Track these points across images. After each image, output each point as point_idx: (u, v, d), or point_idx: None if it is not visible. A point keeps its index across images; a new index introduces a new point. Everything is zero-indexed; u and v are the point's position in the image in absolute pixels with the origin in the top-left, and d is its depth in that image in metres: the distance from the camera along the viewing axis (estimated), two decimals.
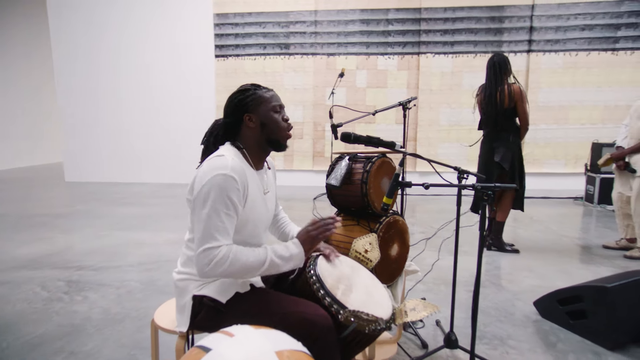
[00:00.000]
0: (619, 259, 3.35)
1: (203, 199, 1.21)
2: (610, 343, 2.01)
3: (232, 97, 1.39)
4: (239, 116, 1.36)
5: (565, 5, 6.15)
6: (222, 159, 1.26)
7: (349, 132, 1.47)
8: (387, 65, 6.50)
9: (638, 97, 5.96)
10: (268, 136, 1.38)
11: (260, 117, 1.36)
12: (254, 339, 0.93)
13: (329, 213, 1.63)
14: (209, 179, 1.22)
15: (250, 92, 1.37)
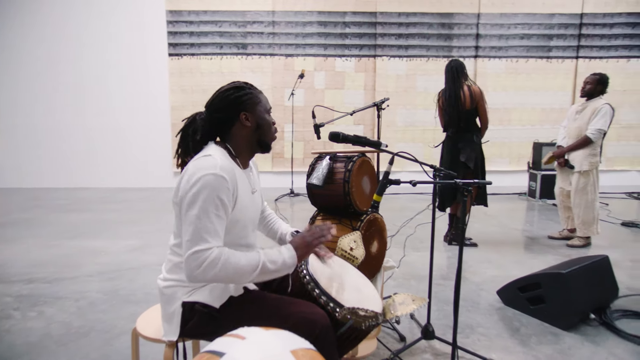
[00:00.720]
0: (563, 248, 3.66)
1: (191, 200, 1.17)
2: (565, 324, 2.20)
3: (226, 92, 1.33)
4: (234, 113, 1.32)
5: (507, 15, 6.61)
6: (210, 158, 1.23)
7: (337, 131, 1.50)
8: (345, 67, 6.62)
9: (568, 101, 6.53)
10: (260, 137, 1.36)
11: (256, 118, 1.34)
12: (267, 340, 0.92)
13: (291, 214, 1.65)
14: (197, 178, 1.17)
15: (246, 90, 1.34)
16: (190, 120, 1.39)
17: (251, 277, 1.18)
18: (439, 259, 3.39)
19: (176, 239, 1.32)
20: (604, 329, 2.22)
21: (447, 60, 6.62)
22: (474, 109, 3.49)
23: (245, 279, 1.18)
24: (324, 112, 3.70)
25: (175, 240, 1.32)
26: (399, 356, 1.89)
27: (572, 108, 3.78)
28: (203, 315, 1.25)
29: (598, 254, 2.55)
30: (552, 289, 2.23)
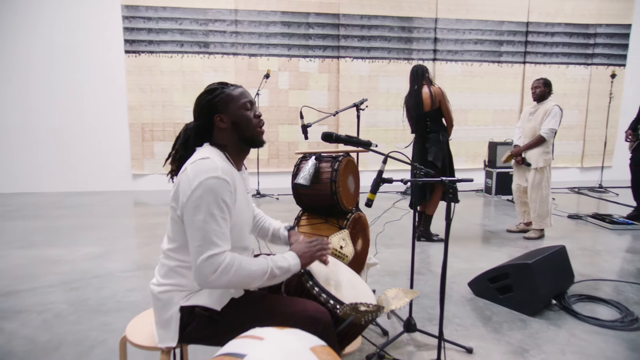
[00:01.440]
0: (520, 240, 3.92)
1: (195, 205, 1.15)
2: (531, 310, 2.37)
3: (199, 98, 1.33)
4: (209, 117, 1.31)
5: (462, 21, 6.95)
6: (209, 161, 1.21)
7: (330, 132, 1.52)
8: (309, 68, 6.65)
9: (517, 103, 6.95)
10: (242, 135, 1.35)
11: (231, 117, 1.32)
12: (286, 339, 0.93)
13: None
14: (199, 182, 1.16)
15: (217, 91, 1.32)
16: (181, 132, 1.38)
17: (260, 282, 1.19)
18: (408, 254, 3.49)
19: (171, 243, 1.28)
20: (564, 313, 2.41)
21: (407, 62, 6.89)
22: (437, 109, 3.64)
23: (254, 284, 1.19)
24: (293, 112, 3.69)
25: (171, 244, 1.28)
26: (384, 350, 1.95)
27: (526, 110, 4.06)
28: (204, 319, 1.23)
29: (556, 245, 2.77)
30: (519, 278, 2.39)
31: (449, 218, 1.55)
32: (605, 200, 5.95)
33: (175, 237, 1.26)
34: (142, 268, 3.11)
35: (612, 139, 7.52)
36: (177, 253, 1.27)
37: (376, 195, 1.55)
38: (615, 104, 7.29)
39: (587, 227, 4.41)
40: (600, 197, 6.17)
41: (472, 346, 2.01)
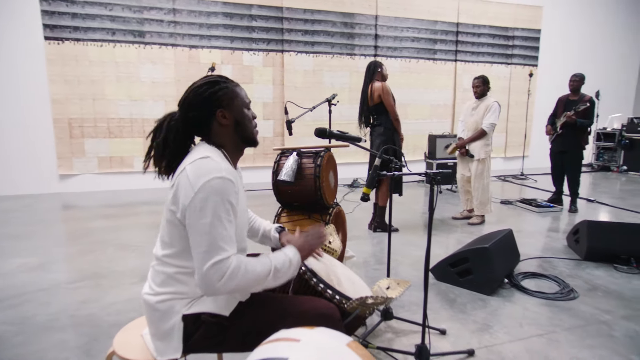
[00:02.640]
0: (465, 226, 4.24)
1: (200, 207, 1.08)
2: (489, 290, 2.59)
3: (199, 88, 1.24)
4: (210, 111, 1.23)
5: (400, 19, 7.25)
6: (211, 161, 1.15)
7: (324, 127, 1.51)
8: (253, 61, 6.50)
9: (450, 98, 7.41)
10: (242, 134, 1.29)
11: (234, 114, 1.26)
12: (321, 338, 0.92)
13: None
14: (203, 183, 1.09)
15: (221, 85, 1.25)
16: (161, 122, 1.27)
17: (265, 283, 1.15)
18: (367, 245, 3.62)
19: (168, 249, 1.20)
20: (515, 290, 2.67)
21: (350, 57, 7.03)
22: (381, 104, 3.77)
23: (260, 286, 1.15)
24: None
25: (168, 249, 1.20)
26: (366, 340, 2.00)
27: (467, 104, 4.37)
28: (211, 326, 1.17)
29: (504, 228, 3.04)
30: (478, 262, 2.59)
31: (432, 208, 1.64)
32: (527, 186, 6.63)
33: (173, 242, 1.18)
34: (93, 277, 2.85)
35: (528, 131, 8.37)
36: (175, 259, 1.19)
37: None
38: (532, 100, 8.12)
39: (517, 211, 4.89)
40: (522, 184, 6.86)
41: (444, 328, 2.15)
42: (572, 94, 4.83)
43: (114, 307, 2.39)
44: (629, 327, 2.22)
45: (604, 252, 3.10)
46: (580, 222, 3.32)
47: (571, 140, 4.72)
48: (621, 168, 8.02)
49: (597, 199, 5.47)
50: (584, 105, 4.51)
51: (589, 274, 2.93)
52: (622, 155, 8.06)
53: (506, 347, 2.00)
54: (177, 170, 1.19)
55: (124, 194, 5.74)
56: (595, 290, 2.66)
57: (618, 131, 8.07)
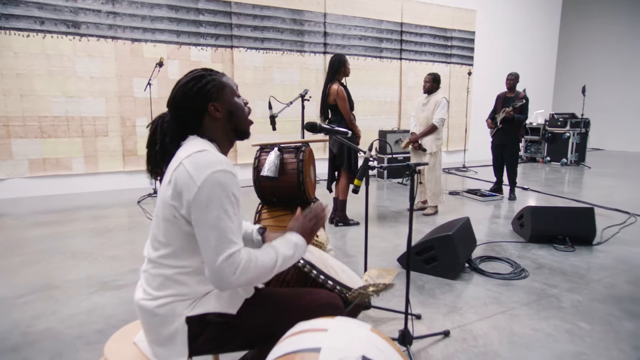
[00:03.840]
0: (421, 216, 4.45)
1: (205, 202, 1.05)
2: (453, 275, 2.75)
3: (186, 86, 1.19)
4: (201, 106, 1.20)
5: (347, 17, 7.39)
6: (209, 154, 1.12)
7: (314, 122, 1.52)
8: (201, 57, 6.28)
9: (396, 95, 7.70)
10: (236, 125, 1.26)
11: (226, 105, 1.23)
12: (347, 326, 0.93)
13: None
14: (206, 177, 1.06)
15: (207, 77, 1.21)
16: (154, 127, 1.22)
17: (273, 272, 1.13)
18: (331, 240, 3.67)
19: (165, 249, 1.14)
20: (474, 273, 2.87)
21: (300, 55, 7.04)
22: (337, 105, 3.83)
23: (269, 276, 1.13)
24: None
25: (164, 249, 1.14)
26: None
27: (418, 101, 4.59)
28: (219, 326, 1.14)
29: (460, 217, 3.24)
30: (443, 249, 2.75)
31: (412, 198, 1.72)
32: (469, 178, 7.11)
33: (171, 240, 1.12)
34: (44, 289, 2.60)
35: (468, 126, 8.96)
36: (173, 259, 1.13)
37: None
38: (470, 97, 8.70)
39: (464, 200, 5.23)
40: (465, 175, 7.34)
41: (420, 313, 2.26)
42: (509, 91, 5.25)
43: (75, 319, 2.21)
44: (573, 297, 2.49)
45: (545, 234, 3.43)
46: (524, 208, 3.64)
47: (509, 134, 5.14)
48: (545, 159, 8.87)
49: (530, 187, 6.01)
50: (520, 102, 4.92)
51: (534, 254, 3.23)
52: (545, 147, 8.92)
53: (476, 326, 2.16)
54: (171, 165, 1.14)
55: (60, 199, 5.27)
56: (542, 268, 2.94)
57: (542, 126, 8.91)
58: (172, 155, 1.19)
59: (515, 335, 2.06)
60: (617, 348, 1.97)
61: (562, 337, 2.06)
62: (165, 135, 1.20)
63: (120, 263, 3.06)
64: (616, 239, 3.61)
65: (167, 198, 1.10)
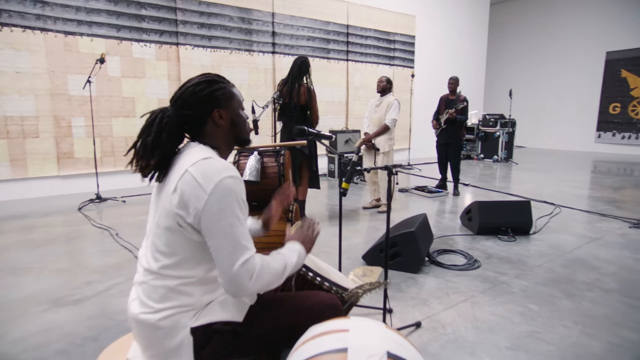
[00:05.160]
0: (376, 214, 4.62)
1: (217, 209, 1.05)
2: (416, 269, 2.91)
3: (196, 86, 1.20)
4: (206, 110, 1.20)
5: (295, 18, 7.42)
6: (215, 161, 1.12)
7: (302, 127, 1.53)
8: (144, 54, 5.94)
9: (344, 95, 7.87)
10: (237, 135, 1.28)
11: (231, 114, 1.25)
12: (365, 324, 0.98)
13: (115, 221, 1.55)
14: (216, 184, 1.06)
15: (220, 84, 1.23)
16: (152, 119, 1.17)
17: (282, 278, 1.16)
18: None
19: (168, 259, 1.11)
20: (434, 266, 3.05)
21: (249, 54, 6.95)
22: (307, 105, 3.90)
23: (279, 282, 1.16)
24: None
25: (167, 260, 1.10)
26: None
27: (371, 102, 4.75)
28: (226, 335, 1.13)
29: (420, 213, 3.42)
30: (406, 245, 2.89)
31: (389, 198, 1.80)
32: (414, 175, 7.49)
33: (175, 250, 1.09)
34: None
35: (412, 126, 9.42)
36: (177, 269, 1.10)
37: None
38: (413, 98, 9.14)
39: (413, 197, 5.51)
40: (410, 173, 7.72)
41: (390, 307, 2.37)
42: (451, 94, 5.62)
43: (30, 341, 2.02)
44: (521, 283, 2.75)
45: (491, 226, 3.74)
46: (471, 203, 3.93)
47: (452, 134, 5.50)
48: (479, 156, 9.60)
49: (470, 183, 6.48)
50: (461, 104, 5.29)
51: (483, 246, 3.51)
52: (479, 145, 9.65)
53: (443, 315, 2.31)
54: (175, 173, 1.11)
55: None
56: (491, 258, 3.21)
57: (476, 126, 9.62)
58: (164, 151, 1.15)
59: (478, 321, 2.25)
60: (562, 324, 2.22)
61: (517, 319, 2.28)
62: (162, 131, 1.16)
63: (72, 276, 2.83)
64: (547, 228, 4.03)
65: (172, 207, 1.07)
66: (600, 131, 11.38)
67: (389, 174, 1.75)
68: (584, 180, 6.99)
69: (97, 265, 3.07)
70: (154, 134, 1.14)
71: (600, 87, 11.28)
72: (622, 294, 2.59)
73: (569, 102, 11.91)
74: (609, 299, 2.53)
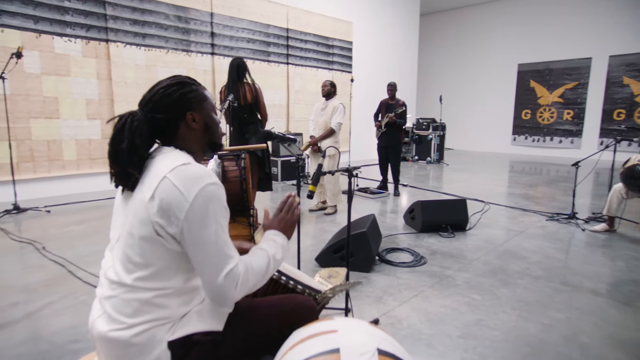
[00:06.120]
0: (322, 216, 4.69)
1: (201, 217, 1.02)
2: (368, 268, 3.01)
3: (167, 89, 1.15)
4: (179, 113, 1.16)
5: (235, 19, 7.28)
6: (194, 167, 1.09)
7: (269, 130, 1.51)
8: (69, 50, 5.44)
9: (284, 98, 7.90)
10: (210, 139, 1.25)
11: (204, 117, 1.21)
12: (350, 323, 1.00)
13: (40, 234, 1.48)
14: (197, 191, 1.03)
15: (191, 86, 1.19)
16: (122, 124, 1.09)
17: (267, 277, 1.15)
18: None
19: (142, 270, 1.05)
20: (384, 264, 3.17)
21: (187, 54, 6.70)
22: (255, 104, 3.85)
23: (264, 281, 1.14)
24: None
25: (140, 272, 1.04)
26: None
27: (317, 105, 4.82)
28: (206, 346, 1.08)
29: (369, 214, 3.54)
30: (358, 245, 2.98)
31: (350, 197, 1.85)
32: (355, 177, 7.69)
33: (151, 261, 1.03)
34: None
35: (350, 129, 9.67)
36: (153, 281, 1.04)
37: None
38: (352, 102, 9.40)
39: (357, 198, 5.67)
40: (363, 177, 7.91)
41: (350, 306, 2.41)
42: (390, 99, 5.89)
43: None
44: (464, 276, 2.97)
45: (432, 224, 3.98)
46: (414, 203, 4.15)
47: (392, 137, 5.76)
48: (414, 158, 10.15)
49: (408, 184, 6.83)
50: (400, 108, 5.57)
51: (426, 243, 3.72)
52: (414, 148, 10.20)
53: (398, 311, 2.41)
54: (151, 179, 1.04)
55: None
56: (435, 254, 3.42)
57: (410, 129, 10.17)
58: (140, 157, 1.09)
59: (430, 314, 2.38)
60: (502, 311, 2.44)
61: (464, 309, 2.45)
62: (134, 135, 1.09)
63: None
64: (480, 223, 4.38)
65: (151, 215, 1.00)
66: (515, 134, 12.62)
67: (350, 176, 1.80)
68: (504, 178, 7.71)
69: (23, 284, 2.76)
70: (127, 140, 1.06)
71: (514, 95, 12.52)
72: (548, 280, 2.90)
73: (489, 108, 13.05)
74: (538, 285, 2.82)
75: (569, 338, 2.14)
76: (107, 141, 1.11)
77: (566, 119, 11.57)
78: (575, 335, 2.17)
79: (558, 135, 11.78)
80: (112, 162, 1.09)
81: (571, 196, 4.49)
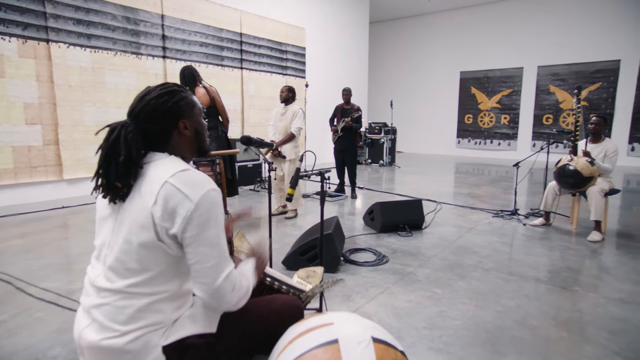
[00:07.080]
0: (283, 220, 4.72)
1: (204, 220, 1.05)
2: (334, 268, 3.10)
3: (159, 98, 1.16)
4: (173, 122, 1.18)
5: (187, 22, 7.12)
6: (193, 173, 1.13)
7: (248, 135, 1.54)
8: (3, 49, 5.03)
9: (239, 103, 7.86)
10: (200, 144, 1.29)
11: (195, 124, 1.24)
12: (344, 316, 1.06)
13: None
14: (201, 196, 1.06)
15: (181, 94, 1.21)
16: (115, 137, 1.09)
17: (247, 297, 1.17)
18: None
19: (138, 276, 1.05)
20: (349, 264, 3.28)
21: (137, 57, 6.47)
22: (213, 107, 3.83)
23: (247, 297, 1.17)
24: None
25: (137, 277, 1.04)
26: None
27: (276, 110, 4.85)
28: (200, 349, 1.09)
29: (332, 216, 3.63)
30: (325, 246, 3.05)
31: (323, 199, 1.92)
32: (311, 180, 7.80)
33: (149, 266, 1.04)
34: None
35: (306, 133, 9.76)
36: (149, 286, 1.04)
37: None
38: (306, 107, 9.51)
39: (315, 202, 5.77)
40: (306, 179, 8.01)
41: (316, 307, 2.48)
42: (345, 103, 6.05)
43: None
44: (424, 271, 3.15)
45: (391, 224, 4.15)
46: (373, 205, 4.30)
47: (348, 141, 5.93)
48: (367, 161, 10.46)
49: (364, 186, 7.04)
50: (356, 113, 5.75)
51: (386, 242, 3.88)
52: (367, 151, 10.51)
53: (367, 308, 2.52)
54: (149, 186, 1.05)
55: None
56: (396, 253, 3.58)
57: (363, 133, 10.46)
58: (137, 168, 1.09)
59: (397, 309, 2.51)
60: (461, 302, 2.62)
61: (427, 302, 2.61)
62: (130, 148, 1.09)
63: None
64: (434, 222, 4.64)
65: (156, 219, 1.02)
66: (460, 138, 13.41)
67: (322, 179, 1.87)
68: (452, 179, 8.18)
69: None
70: (124, 153, 1.06)
71: (457, 101, 13.32)
72: (498, 271, 3.16)
73: (436, 113, 13.77)
74: (490, 276, 3.05)
75: (520, 322, 2.36)
76: (55, 148, 1.10)
77: (503, 123, 12.51)
78: (525, 319, 2.39)
79: (497, 139, 12.69)
80: (105, 175, 1.08)
81: (512, 194, 4.89)
